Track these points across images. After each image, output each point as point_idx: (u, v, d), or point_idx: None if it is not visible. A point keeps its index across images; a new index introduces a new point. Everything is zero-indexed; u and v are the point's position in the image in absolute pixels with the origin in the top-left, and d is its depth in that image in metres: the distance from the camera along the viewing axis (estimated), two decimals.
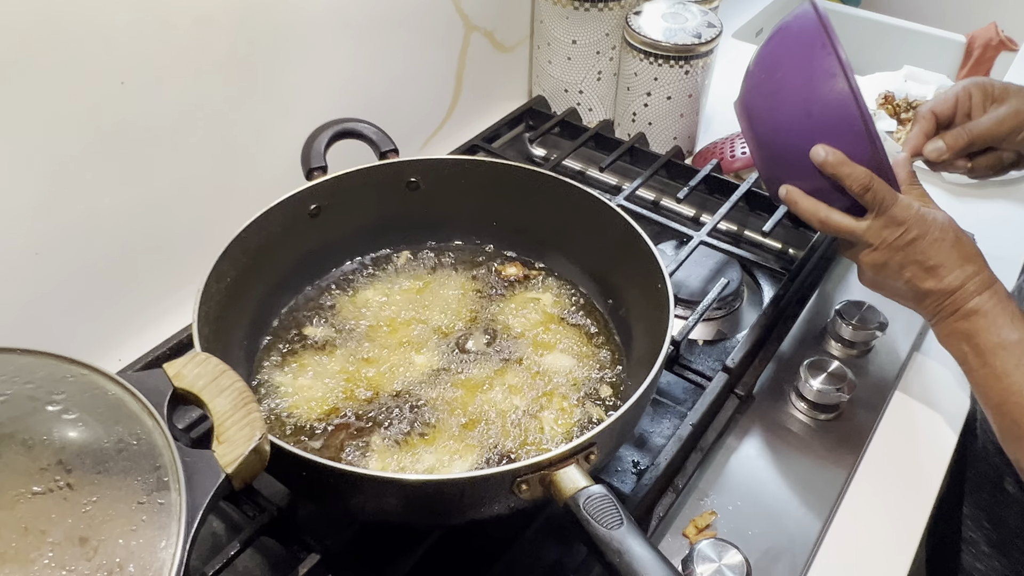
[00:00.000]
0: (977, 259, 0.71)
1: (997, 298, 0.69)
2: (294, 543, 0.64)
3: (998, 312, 0.68)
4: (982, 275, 0.70)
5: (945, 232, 0.71)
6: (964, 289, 0.69)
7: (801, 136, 0.71)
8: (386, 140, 0.82)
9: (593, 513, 0.51)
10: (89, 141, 0.74)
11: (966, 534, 0.82)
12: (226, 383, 0.53)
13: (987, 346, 0.68)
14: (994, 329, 0.68)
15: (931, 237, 0.70)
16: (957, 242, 0.71)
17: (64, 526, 0.43)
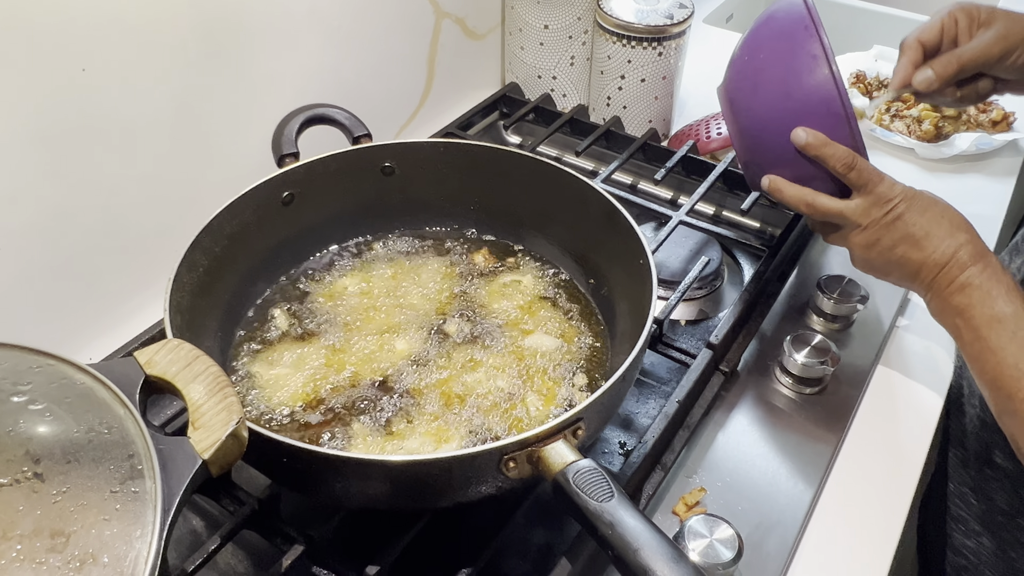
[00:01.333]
0: (968, 229, 0.70)
1: (991, 270, 0.67)
2: (276, 536, 0.63)
3: (991, 285, 0.67)
4: (973, 244, 0.69)
5: (933, 204, 0.70)
6: (956, 259, 0.68)
7: (782, 119, 0.71)
8: (359, 125, 0.81)
9: (583, 486, 0.50)
10: (51, 131, 0.71)
11: (956, 512, 0.82)
12: (200, 368, 0.51)
13: (981, 320, 0.66)
14: (988, 302, 0.66)
15: (919, 208, 0.70)
16: (946, 212, 0.70)
17: (33, 518, 0.41)
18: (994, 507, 0.76)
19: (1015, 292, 0.67)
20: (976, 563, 0.80)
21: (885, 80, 1.25)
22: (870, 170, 0.70)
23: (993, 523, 0.77)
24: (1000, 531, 0.77)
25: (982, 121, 1.16)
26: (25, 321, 0.76)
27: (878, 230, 0.71)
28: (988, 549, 0.78)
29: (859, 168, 0.70)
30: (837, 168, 0.70)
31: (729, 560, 0.61)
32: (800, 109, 0.70)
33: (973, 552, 0.80)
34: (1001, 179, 1.12)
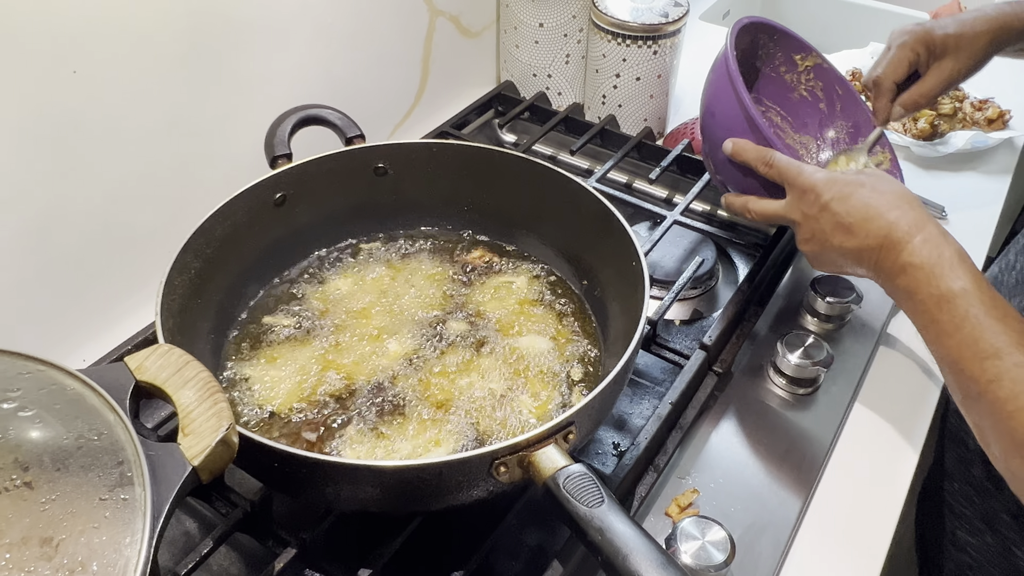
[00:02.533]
0: (898, 204, 0.66)
1: (930, 245, 0.63)
2: (269, 538, 0.63)
3: (934, 261, 0.62)
4: (908, 220, 0.65)
5: (858, 187, 0.68)
6: (890, 240, 0.65)
7: (720, 139, 0.80)
8: (351, 126, 0.80)
9: (573, 492, 0.50)
10: (42, 133, 0.71)
11: (958, 510, 0.82)
12: (190, 374, 0.51)
13: (930, 301, 0.62)
14: (933, 281, 0.62)
15: (841, 195, 0.68)
16: (873, 192, 0.67)
17: (21, 526, 0.41)
18: (997, 506, 0.76)
19: (961, 264, 0.62)
20: (980, 560, 0.79)
21: None
22: (787, 163, 0.72)
23: (996, 521, 0.77)
24: (1003, 529, 0.76)
25: (977, 119, 1.16)
26: (15, 325, 0.76)
27: (809, 223, 0.70)
28: (991, 547, 0.78)
29: (776, 164, 0.73)
30: (758, 168, 0.74)
31: (721, 562, 0.61)
32: (729, 126, 0.79)
33: (976, 548, 0.80)
34: (996, 177, 1.12)
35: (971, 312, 0.59)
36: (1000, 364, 0.56)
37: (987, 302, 0.59)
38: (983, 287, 0.60)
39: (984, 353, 0.58)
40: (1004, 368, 0.56)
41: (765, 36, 0.92)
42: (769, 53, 0.93)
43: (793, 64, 0.94)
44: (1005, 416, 0.56)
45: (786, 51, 0.94)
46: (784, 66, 0.95)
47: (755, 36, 0.92)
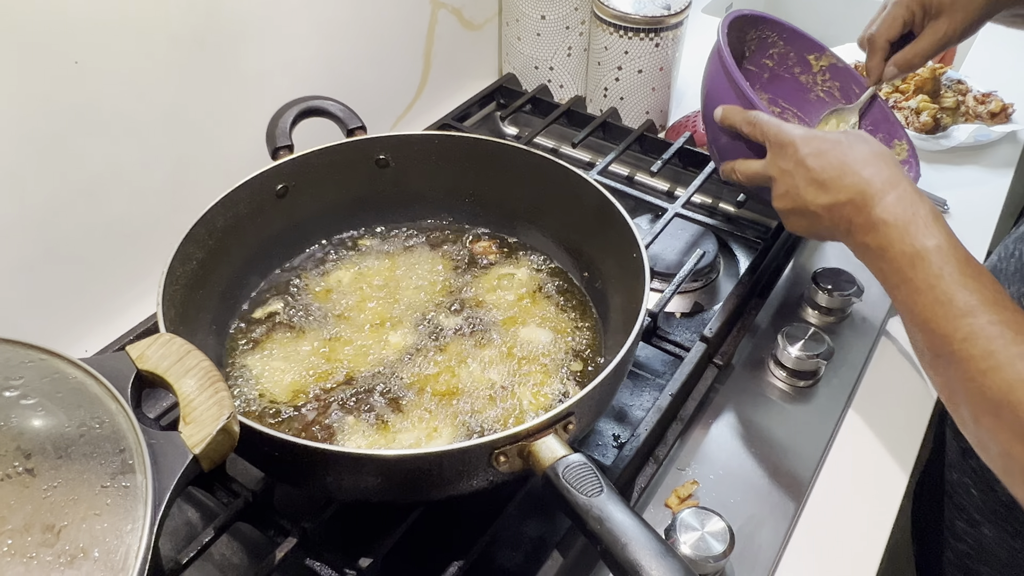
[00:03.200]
0: (874, 161, 0.65)
1: (905, 202, 0.62)
2: (271, 527, 0.63)
3: (908, 218, 0.61)
4: (882, 176, 0.64)
5: (834, 144, 0.67)
6: (864, 195, 0.64)
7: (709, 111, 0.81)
8: (353, 117, 0.80)
9: (572, 481, 0.50)
10: (44, 124, 0.71)
11: (958, 501, 0.82)
12: (192, 363, 0.51)
13: (902, 259, 0.61)
14: (907, 239, 0.60)
15: (816, 151, 0.67)
16: (850, 149, 0.67)
17: (24, 513, 0.41)
18: (996, 498, 0.76)
19: (935, 222, 0.61)
20: (978, 550, 0.79)
21: None
22: (768, 120, 0.73)
23: (994, 513, 0.76)
24: (1002, 522, 0.76)
25: (980, 113, 1.16)
26: (18, 315, 0.76)
27: (785, 179, 0.70)
28: (989, 538, 0.78)
29: (757, 122, 0.73)
30: (742, 129, 0.75)
31: (720, 553, 0.61)
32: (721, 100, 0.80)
33: (974, 539, 0.80)
34: (999, 171, 1.12)
35: (945, 270, 0.58)
36: (974, 322, 0.56)
37: (961, 260, 0.59)
38: (957, 245, 0.60)
39: (957, 311, 0.57)
40: (978, 325, 0.55)
41: (774, 34, 0.93)
42: (780, 53, 0.94)
43: (808, 65, 0.95)
44: (977, 374, 0.55)
45: (799, 51, 0.95)
46: (798, 67, 0.95)
47: (763, 33, 0.93)
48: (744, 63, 0.95)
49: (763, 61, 0.96)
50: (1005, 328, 0.54)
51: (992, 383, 0.54)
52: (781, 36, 0.94)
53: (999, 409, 0.53)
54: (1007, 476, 0.55)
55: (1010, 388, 0.52)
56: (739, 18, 0.89)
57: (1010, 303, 0.57)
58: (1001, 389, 0.53)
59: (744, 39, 0.93)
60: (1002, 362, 0.53)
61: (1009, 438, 0.53)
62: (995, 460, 0.56)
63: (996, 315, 0.55)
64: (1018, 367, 0.53)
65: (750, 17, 0.90)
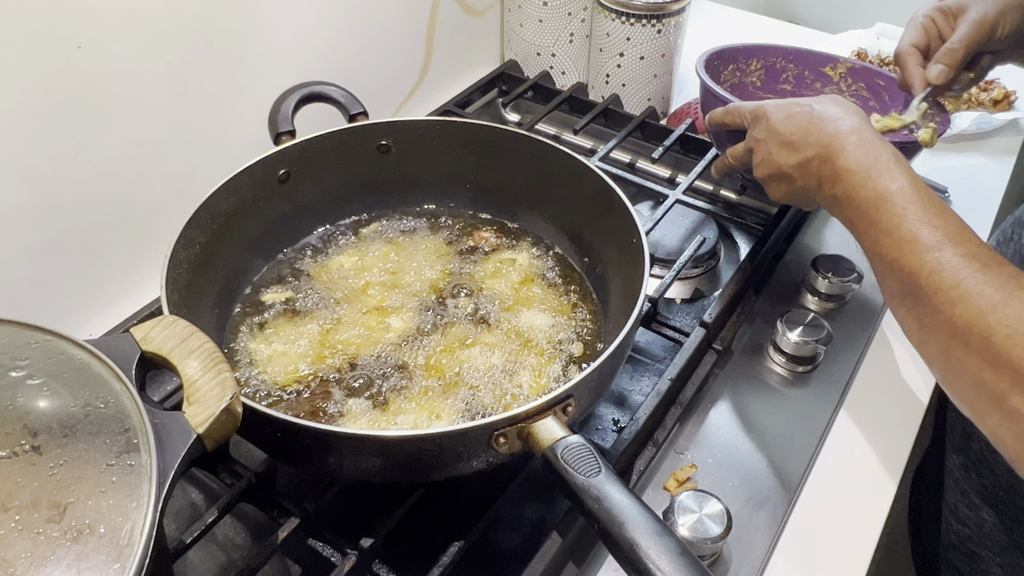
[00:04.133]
0: (836, 117, 0.67)
1: (865, 148, 0.64)
2: (273, 508, 0.64)
3: (869, 163, 0.63)
4: (845, 127, 0.66)
5: (802, 107, 0.70)
6: (828, 148, 0.66)
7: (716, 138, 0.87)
8: (355, 103, 0.81)
9: (571, 462, 0.51)
10: (48, 108, 0.72)
11: (959, 485, 0.82)
12: (195, 345, 0.52)
13: (867, 203, 0.62)
14: (870, 184, 0.62)
15: (785, 114, 0.70)
16: (817, 108, 0.69)
17: (31, 489, 0.42)
18: (997, 482, 0.76)
19: (896, 164, 0.62)
20: (979, 534, 0.80)
21: (887, 58, 1.24)
22: (742, 103, 0.77)
23: (995, 498, 0.77)
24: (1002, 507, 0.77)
25: (983, 100, 1.16)
26: (23, 298, 0.77)
27: (760, 147, 0.73)
28: (989, 523, 0.78)
29: (732, 110, 0.78)
30: (724, 121, 0.79)
31: (718, 535, 0.62)
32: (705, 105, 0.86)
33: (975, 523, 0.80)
34: (1001, 158, 1.12)
35: (909, 209, 0.60)
36: (940, 255, 0.57)
37: (924, 199, 0.60)
38: (919, 185, 0.61)
39: (924, 247, 0.58)
40: (945, 259, 0.56)
41: (779, 59, 0.96)
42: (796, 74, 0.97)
43: (827, 78, 0.96)
44: (946, 304, 0.55)
45: (812, 67, 0.96)
46: (819, 82, 0.97)
47: (767, 61, 0.95)
48: (760, 93, 0.97)
49: (780, 87, 0.97)
50: (971, 260, 0.55)
51: (961, 312, 0.54)
52: (787, 59, 0.96)
53: (968, 337, 0.54)
54: (977, 406, 0.55)
55: (979, 314, 0.53)
56: (725, 52, 0.92)
57: (975, 237, 0.58)
58: (970, 317, 0.54)
59: (747, 71, 0.95)
60: (971, 290, 0.54)
61: (979, 365, 0.53)
62: (965, 392, 0.56)
63: (962, 248, 0.56)
64: (987, 294, 0.53)
65: (732, 50, 0.93)
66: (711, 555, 0.64)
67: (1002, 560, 0.76)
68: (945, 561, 0.83)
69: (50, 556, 0.40)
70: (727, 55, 0.93)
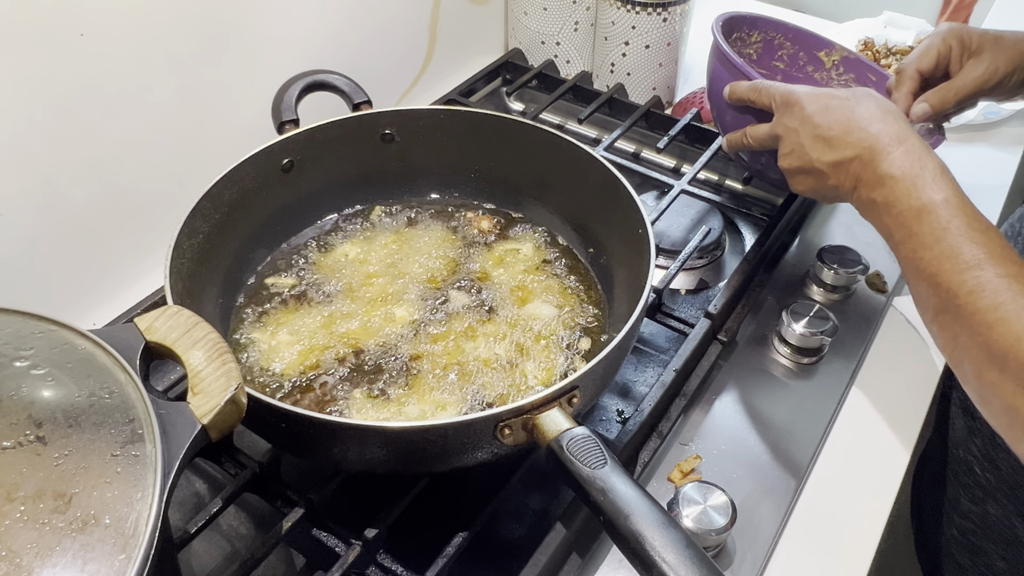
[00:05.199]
0: (881, 117, 0.65)
1: (912, 156, 0.62)
2: (277, 498, 0.64)
3: (916, 172, 0.61)
4: (890, 131, 0.64)
5: (840, 100, 0.67)
6: (872, 150, 0.64)
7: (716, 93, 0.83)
8: (358, 92, 0.80)
9: (576, 454, 0.50)
10: (51, 97, 0.71)
11: (962, 480, 0.82)
12: (199, 335, 0.52)
13: (909, 213, 0.60)
14: (914, 193, 0.60)
15: (822, 107, 0.68)
16: (857, 104, 0.67)
17: (36, 480, 0.42)
18: (1001, 477, 0.76)
19: (942, 176, 0.61)
20: (983, 527, 0.80)
21: (894, 47, 1.23)
22: (772, 83, 0.74)
23: (999, 492, 0.77)
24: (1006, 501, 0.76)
25: None
26: (27, 288, 0.77)
27: (791, 136, 0.71)
28: (994, 516, 0.78)
29: (762, 88, 0.75)
30: (750, 97, 0.76)
31: (722, 526, 0.62)
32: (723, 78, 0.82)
33: (979, 517, 0.80)
34: (1008, 148, 1.11)
35: (952, 223, 0.58)
36: (981, 275, 0.55)
37: (968, 214, 0.59)
38: (964, 199, 0.59)
39: (965, 264, 0.56)
40: (985, 279, 0.55)
41: (779, 35, 0.94)
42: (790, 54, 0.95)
43: (820, 63, 0.95)
44: (983, 327, 0.54)
45: (808, 49, 0.95)
46: (811, 65, 0.95)
47: (767, 35, 0.94)
48: (754, 67, 0.95)
49: (773, 63, 0.96)
50: (1013, 281, 0.54)
51: (998, 335, 0.53)
52: (787, 36, 0.94)
53: (1004, 361, 0.53)
54: (1011, 431, 0.55)
55: (1017, 340, 0.52)
56: (738, 19, 0.89)
57: (1017, 257, 0.56)
58: (1007, 341, 0.53)
59: (748, 42, 0.94)
60: (1009, 314, 0.53)
61: (1014, 390, 0.52)
62: (998, 416, 0.55)
63: (1003, 268, 0.55)
64: None
65: (748, 17, 0.91)
66: (715, 546, 0.64)
67: (1006, 553, 0.76)
68: (948, 554, 0.83)
69: (56, 546, 0.40)
70: (736, 22, 0.91)
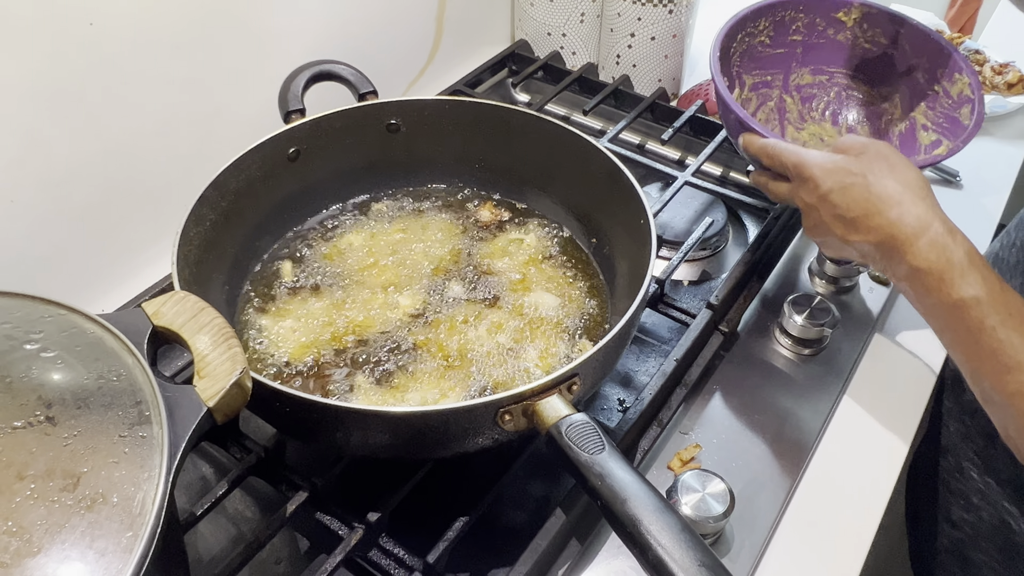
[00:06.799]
0: (901, 199, 0.62)
1: (937, 248, 0.60)
2: (282, 482, 0.65)
3: (942, 266, 0.59)
4: (911, 217, 0.61)
5: (856, 176, 0.64)
6: (893, 239, 0.62)
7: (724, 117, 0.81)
8: (364, 82, 0.81)
9: (575, 439, 0.51)
10: (60, 85, 0.72)
11: (955, 486, 0.81)
12: (206, 320, 0.52)
13: (941, 308, 0.60)
14: (944, 288, 0.59)
15: (841, 185, 0.65)
16: (875, 181, 0.63)
17: (45, 459, 0.43)
18: (1000, 480, 0.76)
19: (972, 268, 0.59)
20: (975, 535, 0.80)
21: None
22: (785, 151, 0.70)
23: (994, 496, 0.77)
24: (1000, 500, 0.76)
25: (997, 83, 1.14)
26: (37, 273, 0.78)
27: (812, 212, 0.68)
28: (986, 522, 0.78)
29: (772, 153, 0.71)
30: (763, 161, 0.73)
31: (720, 514, 0.63)
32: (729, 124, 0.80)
33: (971, 525, 0.80)
34: (1015, 142, 1.11)
35: (986, 323, 0.57)
36: (1022, 377, 0.55)
37: (1002, 311, 0.57)
38: (996, 293, 0.58)
39: (1004, 367, 0.56)
40: None
41: (788, 11, 0.89)
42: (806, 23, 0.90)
43: (840, 23, 0.89)
44: None
45: (824, 14, 0.89)
46: (831, 28, 0.90)
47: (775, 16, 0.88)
48: (768, 51, 0.91)
49: (790, 39, 0.91)
50: None
51: None
52: (797, 9, 0.89)
53: None
54: None
55: None
56: (734, 26, 0.84)
57: None
58: None
59: (755, 32, 0.89)
60: None
61: None
62: None
63: None
64: None
65: (746, 15, 0.86)
66: (713, 534, 0.64)
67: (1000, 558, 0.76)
68: (940, 565, 0.83)
69: (65, 523, 0.41)
70: (733, 31, 0.86)
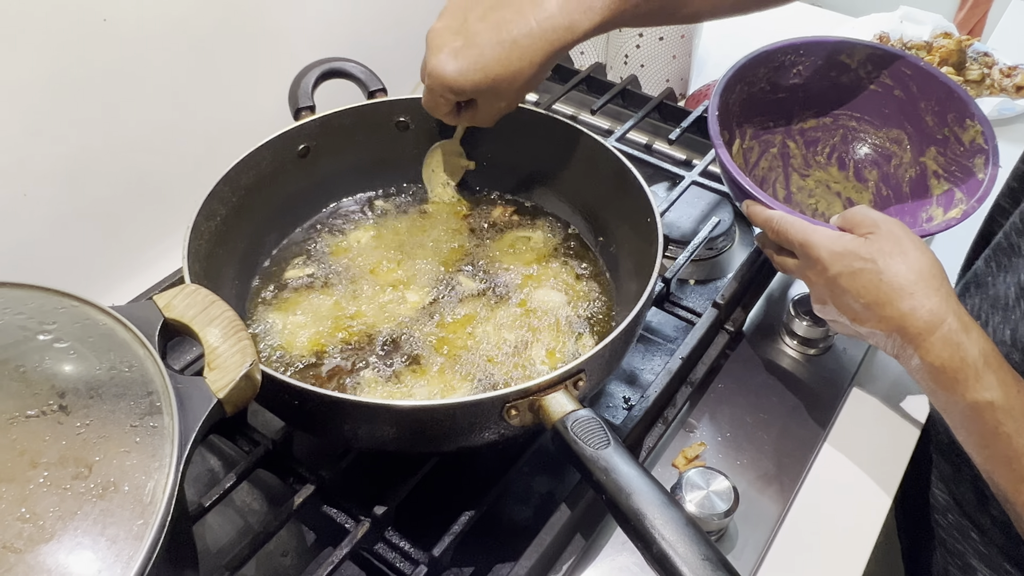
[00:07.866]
0: (914, 291, 0.60)
1: (950, 347, 0.58)
2: (289, 475, 0.66)
3: (956, 366, 0.58)
4: (923, 311, 0.59)
5: (865, 261, 0.62)
6: (905, 332, 0.60)
7: None
8: (374, 79, 0.82)
9: (580, 434, 0.52)
10: (73, 80, 0.73)
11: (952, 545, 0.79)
12: (216, 312, 0.53)
13: (955, 408, 0.59)
14: (958, 388, 0.58)
15: (850, 271, 0.62)
16: (885, 267, 0.61)
17: (58, 447, 0.44)
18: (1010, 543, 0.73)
19: (987, 369, 0.57)
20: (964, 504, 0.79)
21: (909, 43, 1.23)
22: (791, 228, 0.67)
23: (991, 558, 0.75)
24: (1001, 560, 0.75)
25: (1006, 86, 1.14)
26: (50, 265, 0.78)
27: (819, 291, 0.67)
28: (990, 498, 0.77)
29: (777, 228, 0.68)
30: (768, 234, 0.71)
31: (724, 511, 0.63)
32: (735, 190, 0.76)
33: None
34: (1023, 145, 1.11)
35: (1001, 430, 0.56)
36: None
37: (1019, 416, 0.56)
38: (1012, 397, 0.57)
39: (1019, 476, 0.56)
40: None
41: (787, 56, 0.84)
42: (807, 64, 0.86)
43: (844, 66, 0.85)
44: None
45: (826, 57, 0.85)
46: (834, 71, 0.86)
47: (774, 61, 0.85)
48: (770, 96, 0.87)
49: (791, 83, 0.87)
50: None
51: None
52: (797, 53, 0.85)
53: None
54: None
55: None
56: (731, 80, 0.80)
57: None
58: None
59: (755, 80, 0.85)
60: None
61: None
62: None
63: None
64: None
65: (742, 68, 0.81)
66: (718, 531, 0.65)
67: None
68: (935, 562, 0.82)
69: (77, 511, 0.41)
70: (731, 83, 0.81)
